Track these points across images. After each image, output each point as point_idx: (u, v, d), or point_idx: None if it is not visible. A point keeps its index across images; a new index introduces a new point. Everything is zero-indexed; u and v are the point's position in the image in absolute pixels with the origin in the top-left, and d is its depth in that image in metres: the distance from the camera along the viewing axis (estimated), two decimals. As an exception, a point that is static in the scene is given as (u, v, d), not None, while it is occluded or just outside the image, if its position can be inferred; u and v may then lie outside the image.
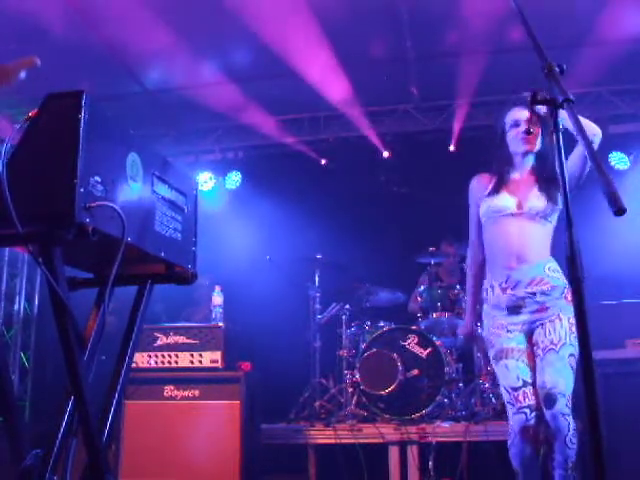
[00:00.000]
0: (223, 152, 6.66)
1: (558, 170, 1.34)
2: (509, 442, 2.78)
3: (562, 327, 2.72)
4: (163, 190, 1.66)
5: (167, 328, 4.19)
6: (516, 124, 2.89)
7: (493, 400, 4.44)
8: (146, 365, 4.10)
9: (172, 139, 6.52)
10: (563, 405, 2.60)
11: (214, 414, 3.90)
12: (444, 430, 4.15)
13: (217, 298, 4.54)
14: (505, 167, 2.95)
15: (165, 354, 4.11)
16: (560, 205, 2.78)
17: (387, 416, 4.39)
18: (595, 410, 1.23)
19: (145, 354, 4.12)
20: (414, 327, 4.76)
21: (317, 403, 4.90)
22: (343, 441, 4.23)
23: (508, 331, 2.81)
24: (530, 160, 2.92)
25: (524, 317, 2.80)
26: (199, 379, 4.00)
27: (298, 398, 5.02)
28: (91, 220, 1.32)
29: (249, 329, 4.74)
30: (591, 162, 1.23)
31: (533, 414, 2.70)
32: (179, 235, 1.73)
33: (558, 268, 2.82)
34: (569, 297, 2.74)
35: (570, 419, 2.61)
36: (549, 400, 2.60)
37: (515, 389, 2.74)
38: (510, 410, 2.77)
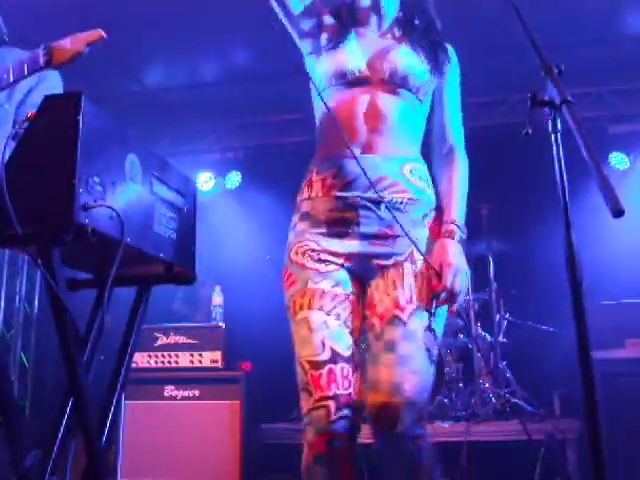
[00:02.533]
0: (223, 152, 6.65)
1: (557, 174, 1.24)
2: (302, 465, 1.61)
3: (416, 278, 1.63)
4: (162, 191, 1.66)
5: (167, 328, 4.19)
6: None
7: (493, 400, 4.43)
8: (146, 365, 4.11)
9: (172, 139, 6.52)
10: (412, 422, 1.52)
11: (214, 414, 3.90)
12: (444, 430, 4.15)
13: (217, 298, 4.54)
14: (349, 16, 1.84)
15: (165, 354, 4.12)
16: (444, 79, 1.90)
17: (387, 416, 4.37)
18: (595, 410, 1.23)
19: (145, 354, 4.12)
20: (414, 327, 4.73)
21: (317, 403, 4.89)
22: (343, 441, 4.22)
23: (320, 261, 1.69)
24: (390, 5, 1.83)
25: (353, 243, 1.67)
26: (199, 379, 4.00)
27: (298, 398, 5.01)
28: (90, 221, 1.32)
29: (249, 329, 4.73)
30: (590, 163, 1.22)
31: (344, 413, 1.55)
32: (178, 235, 1.73)
33: (428, 176, 1.79)
34: (438, 227, 1.72)
35: (425, 441, 1.56)
36: (386, 416, 1.51)
37: (315, 365, 1.58)
38: (303, 403, 1.64)
